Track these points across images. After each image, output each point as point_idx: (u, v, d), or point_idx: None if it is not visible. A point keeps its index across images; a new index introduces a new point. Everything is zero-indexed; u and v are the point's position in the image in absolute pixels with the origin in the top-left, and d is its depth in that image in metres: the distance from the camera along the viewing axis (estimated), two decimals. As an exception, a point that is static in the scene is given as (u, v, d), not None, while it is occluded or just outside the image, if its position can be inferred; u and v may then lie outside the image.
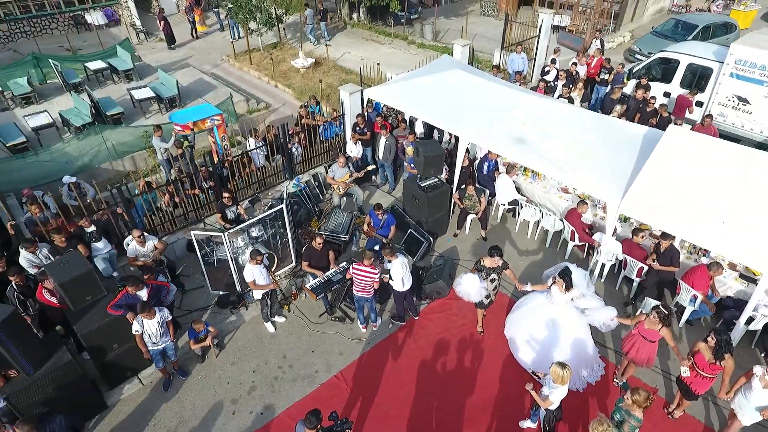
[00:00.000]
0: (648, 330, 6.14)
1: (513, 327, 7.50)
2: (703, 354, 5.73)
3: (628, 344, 6.45)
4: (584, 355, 6.86)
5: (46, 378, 5.66)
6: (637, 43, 16.78)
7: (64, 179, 9.10)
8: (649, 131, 8.47)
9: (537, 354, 6.99)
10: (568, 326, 6.77)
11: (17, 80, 13.46)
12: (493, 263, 6.98)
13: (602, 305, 6.85)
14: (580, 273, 6.99)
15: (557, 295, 6.62)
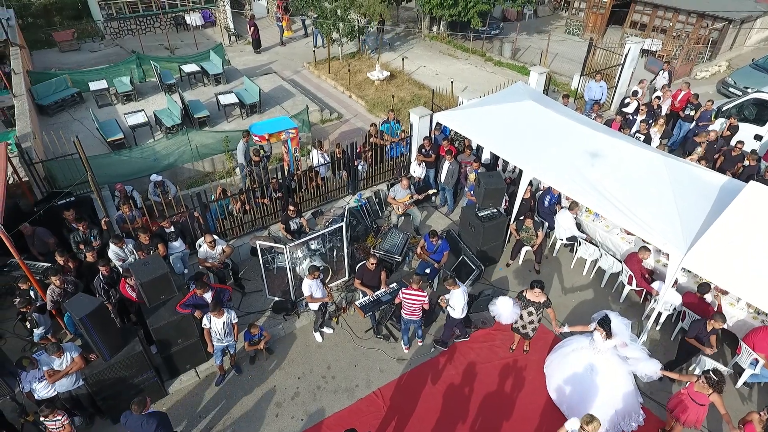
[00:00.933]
0: (697, 393, 5.97)
1: (553, 364, 7.51)
2: (755, 426, 5.56)
3: (675, 402, 6.29)
4: (621, 403, 6.75)
5: (119, 364, 6.41)
6: (733, 75, 15.68)
7: (152, 177, 10.08)
8: (728, 182, 8.03)
9: (571, 394, 6.99)
10: (607, 372, 6.74)
11: (121, 78, 14.93)
12: (534, 296, 7.07)
13: (646, 357, 6.78)
14: (622, 322, 6.92)
15: (599, 341, 6.65)
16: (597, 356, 6.77)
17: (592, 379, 6.78)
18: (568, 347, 7.31)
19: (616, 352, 6.74)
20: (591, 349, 6.83)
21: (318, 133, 13.94)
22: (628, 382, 6.81)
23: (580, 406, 6.87)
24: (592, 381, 6.77)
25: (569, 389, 7.05)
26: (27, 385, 6.20)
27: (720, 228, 7.07)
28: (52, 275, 7.01)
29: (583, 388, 6.85)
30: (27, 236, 8.29)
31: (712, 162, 10.83)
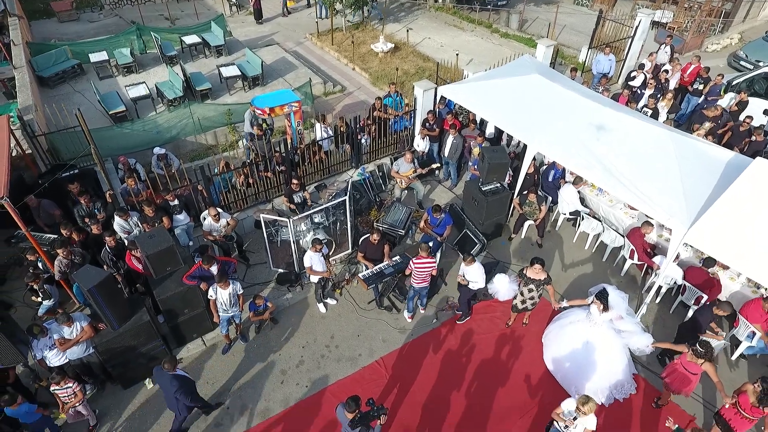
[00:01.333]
0: (690, 363, 6.13)
1: (550, 335, 7.68)
2: (748, 395, 5.68)
3: (669, 372, 6.47)
4: (615, 374, 6.96)
5: (128, 333, 6.56)
6: (745, 48, 15.37)
7: (155, 150, 10.07)
8: (734, 158, 7.97)
9: (566, 365, 7.18)
10: (602, 344, 6.91)
11: (122, 50, 14.75)
12: (534, 274, 7.12)
13: (640, 330, 6.97)
14: (619, 296, 7.09)
15: (596, 314, 6.77)
16: (593, 329, 6.93)
17: (587, 350, 6.95)
18: (566, 319, 7.47)
19: (612, 325, 6.89)
20: (587, 321, 6.98)
21: (321, 106, 13.83)
22: (622, 354, 6.99)
23: (575, 376, 7.08)
24: (587, 352, 6.94)
25: (565, 360, 7.23)
26: (39, 353, 6.36)
27: (724, 204, 7.06)
28: (58, 247, 7.10)
29: (578, 359, 7.03)
30: (33, 208, 8.35)
31: (718, 137, 10.74)
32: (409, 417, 6.90)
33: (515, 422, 6.84)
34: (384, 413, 5.42)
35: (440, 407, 7.01)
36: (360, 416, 5.31)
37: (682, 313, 8.22)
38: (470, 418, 6.89)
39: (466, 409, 7.00)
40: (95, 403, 6.98)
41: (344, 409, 5.34)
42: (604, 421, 6.78)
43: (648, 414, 6.96)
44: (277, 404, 7.05)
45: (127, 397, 7.11)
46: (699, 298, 7.75)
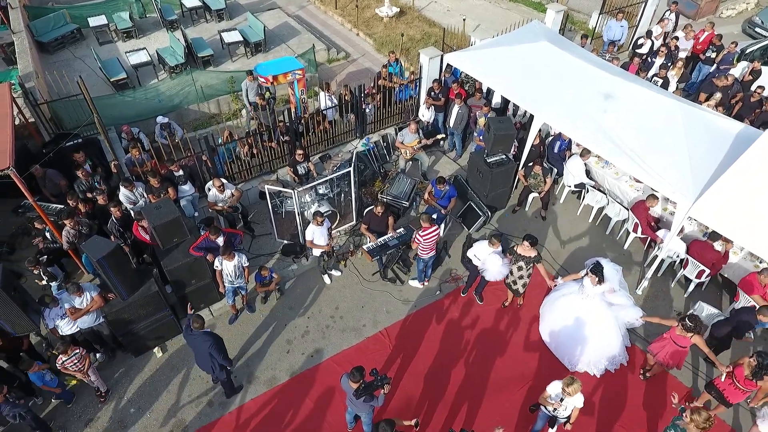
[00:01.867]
0: (679, 336, 6.23)
1: (545, 307, 7.78)
2: (743, 368, 5.80)
3: (658, 346, 6.57)
4: (607, 346, 7.10)
5: (137, 303, 6.69)
6: (761, 14, 14.85)
7: (158, 119, 10.00)
8: (744, 129, 7.83)
9: (560, 336, 7.32)
10: (594, 316, 7.01)
11: (121, 14, 14.39)
12: (524, 251, 7.11)
13: (631, 304, 7.08)
14: (613, 269, 7.14)
15: (588, 286, 6.83)
16: (585, 301, 6.99)
17: (579, 322, 7.07)
18: (559, 292, 7.53)
19: (604, 297, 6.96)
20: (579, 294, 7.04)
21: (325, 74, 13.59)
22: (614, 326, 7.08)
23: (568, 348, 7.22)
24: (580, 325, 7.06)
25: (558, 332, 7.36)
26: (51, 322, 6.52)
27: (731, 177, 7.00)
28: (65, 218, 7.15)
29: (570, 331, 7.15)
30: (38, 178, 8.37)
31: (729, 108, 10.55)
32: (412, 386, 7.08)
33: (514, 392, 7.02)
34: (387, 382, 5.56)
35: (442, 377, 7.19)
36: (364, 386, 5.45)
37: (684, 286, 8.30)
38: (470, 388, 7.08)
39: (467, 379, 7.18)
40: (106, 371, 7.19)
41: (349, 379, 5.49)
42: (596, 392, 6.99)
43: (638, 385, 7.13)
44: (283, 373, 7.24)
45: (137, 365, 7.31)
46: (701, 273, 7.81)
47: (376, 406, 5.74)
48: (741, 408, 6.73)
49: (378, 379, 5.55)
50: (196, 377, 7.17)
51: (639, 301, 8.18)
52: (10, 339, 6.44)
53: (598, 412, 6.80)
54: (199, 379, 7.15)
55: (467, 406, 6.88)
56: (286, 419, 6.74)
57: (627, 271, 8.67)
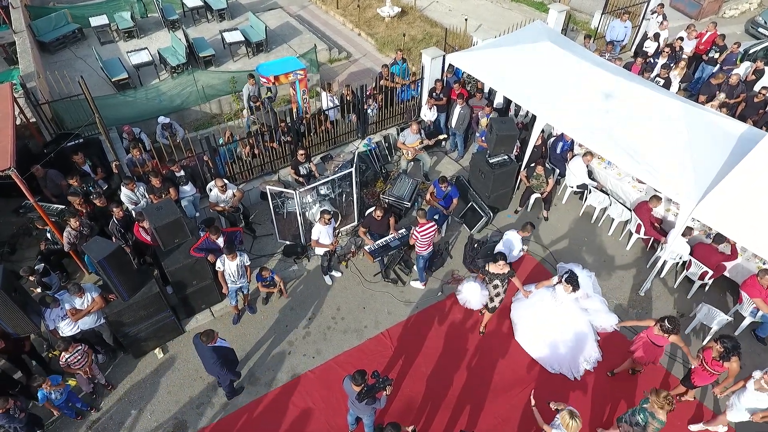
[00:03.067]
0: (657, 336, 6.27)
1: (517, 314, 7.70)
2: (711, 351, 5.96)
3: (637, 345, 6.62)
4: (581, 346, 7.17)
5: (138, 304, 6.67)
6: (764, 14, 14.80)
7: (159, 119, 9.98)
8: (747, 130, 7.81)
9: (537, 341, 7.33)
10: (568, 320, 7.08)
11: (122, 13, 14.38)
12: (497, 269, 6.89)
13: (606, 309, 7.21)
14: (587, 276, 7.25)
15: (561, 294, 6.84)
16: (558, 307, 7.02)
17: (555, 328, 7.14)
18: (531, 300, 7.43)
19: (577, 303, 6.99)
20: (552, 299, 7.04)
21: (326, 74, 13.57)
22: (588, 327, 7.17)
23: (547, 353, 7.23)
24: (555, 330, 7.14)
25: (535, 338, 7.35)
26: (51, 323, 6.50)
27: (734, 178, 6.97)
28: (69, 217, 7.13)
29: (547, 336, 7.20)
30: (39, 179, 8.35)
31: (733, 109, 10.50)
32: (414, 388, 7.05)
33: (516, 395, 6.99)
34: (389, 384, 5.53)
35: (443, 379, 7.16)
36: (366, 389, 5.43)
37: (686, 287, 8.26)
38: (472, 390, 7.04)
39: (468, 381, 7.15)
40: (106, 372, 7.17)
41: (351, 381, 5.46)
42: (580, 391, 7.04)
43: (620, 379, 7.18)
44: (284, 374, 7.22)
45: (138, 366, 7.29)
46: (704, 274, 7.77)
47: (378, 408, 5.72)
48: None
49: (380, 381, 5.53)
50: (197, 378, 7.15)
51: (642, 303, 8.16)
52: (12, 341, 6.41)
53: (591, 411, 6.82)
54: (200, 380, 7.13)
55: (469, 408, 6.85)
56: (288, 421, 6.72)
57: (630, 272, 8.67)
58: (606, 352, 7.37)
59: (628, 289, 8.37)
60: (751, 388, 5.79)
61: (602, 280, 8.50)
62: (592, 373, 7.20)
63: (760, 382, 5.67)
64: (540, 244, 9.11)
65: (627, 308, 8.06)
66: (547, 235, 9.33)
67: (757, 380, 5.72)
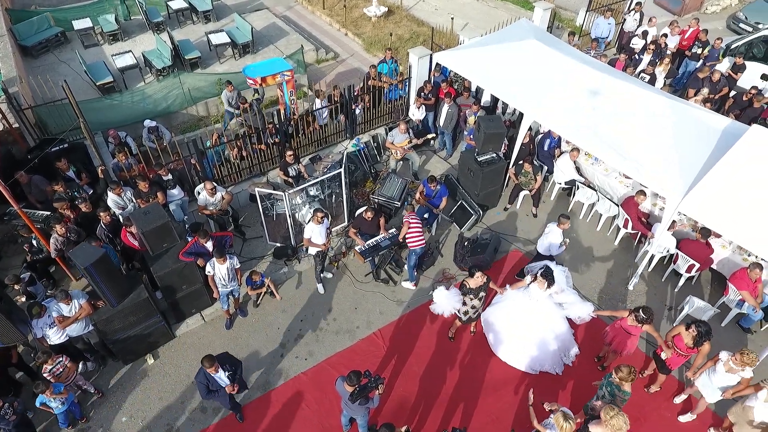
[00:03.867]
0: (631, 326, 6.41)
1: (491, 317, 7.57)
2: (682, 337, 6.13)
3: (611, 336, 6.74)
4: (559, 342, 7.21)
5: (127, 310, 6.59)
6: (745, 9, 15.00)
7: (145, 123, 9.88)
8: (731, 125, 7.94)
9: (510, 341, 7.30)
10: (544, 317, 7.08)
11: (106, 16, 14.21)
12: (476, 283, 6.78)
13: (579, 300, 7.20)
14: (560, 270, 7.26)
15: (536, 291, 6.85)
16: (533, 305, 7.01)
17: (533, 327, 7.12)
18: (504, 301, 7.41)
19: (551, 298, 7.01)
20: (526, 298, 7.03)
21: (314, 74, 13.54)
22: (563, 323, 7.21)
23: (524, 353, 7.21)
24: (534, 329, 7.12)
25: (511, 339, 7.30)
26: (39, 331, 6.40)
27: (719, 172, 7.08)
28: (55, 224, 7.04)
29: (524, 336, 7.17)
30: (23, 185, 8.23)
31: (717, 103, 10.65)
32: (406, 387, 7.06)
33: (508, 392, 7.02)
34: (381, 383, 5.53)
35: (436, 378, 7.18)
36: (359, 389, 5.43)
37: (674, 281, 8.36)
38: (465, 388, 7.07)
39: (461, 379, 7.17)
40: (96, 380, 7.09)
41: (345, 382, 5.46)
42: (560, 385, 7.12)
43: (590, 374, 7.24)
44: (277, 377, 7.19)
45: (128, 373, 7.22)
46: (691, 267, 7.87)
47: (371, 407, 5.72)
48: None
49: (372, 380, 5.52)
50: (189, 383, 7.09)
51: (631, 296, 8.25)
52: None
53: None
54: (192, 386, 7.06)
55: (461, 407, 6.87)
56: (282, 423, 6.69)
57: (618, 267, 8.76)
58: (592, 342, 7.47)
59: (616, 284, 8.46)
60: (722, 370, 6.00)
61: (591, 275, 8.59)
62: (577, 366, 7.26)
63: (729, 363, 5.90)
64: (530, 240, 9.16)
65: (616, 303, 8.14)
66: (537, 232, 9.37)
67: (726, 362, 5.95)
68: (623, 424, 4.85)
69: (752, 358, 5.73)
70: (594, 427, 5.14)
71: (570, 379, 7.19)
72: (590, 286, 8.36)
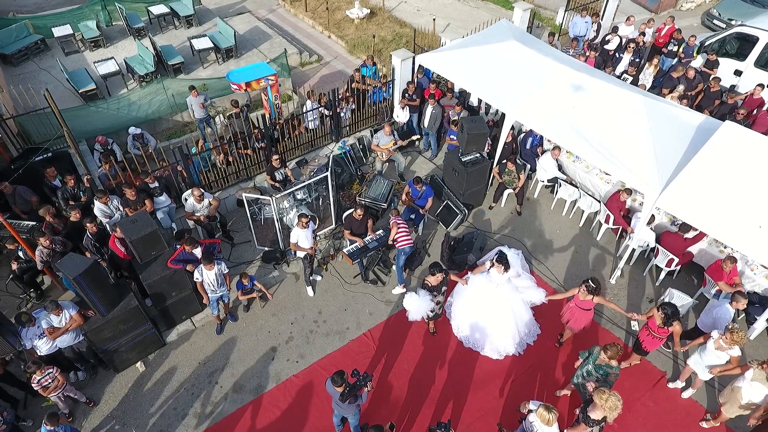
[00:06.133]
0: (583, 301, 6.68)
1: (456, 306, 7.77)
2: (655, 318, 6.38)
3: (567, 315, 7.03)
4: (522, 324, 7.52)
5: (117, 319, 6.61)
6: (718, 6, 15.35)
7: (130, 130, 9.85)
8: (705, 121, 8.20)
9: (480, 330, 7.52)
10: (506, 301, 7.34)
11: (87, 22, 14.08)
12: (437, 281, 6.88)
13: (534, 285, 7.57)
14: (514, 254, 7.67)
15: (496, 276, 7.08)
16: (496, 290, 7.23)
17: (496, 313, 7.37)
18: (468, 289, 7.51)
19: (510, 282, 7.29)
20: (489, 284, 7.22)
21: (298, 78, 13.59)
22: (524, 305, 7.51)
23: (494, 338, 7.42)
24: (497, 315, 7.37)
25: (477, 325, 7.51)
26: (28, 342, 6.39)
27: (694, 168, 7.31)
28: (39, 236, 7.02)
29: (489, 321, 7.42)
30: (8, 195, 8.18)
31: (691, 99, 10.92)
32: (398, 385, 7.19)
33: (497, 388, 7.18)
34: (369, 380, 5.63)
35: (426, 375, 7.31)
36: (348, 388, 5.53)
37: (655, 275, 8.60)
38: (453, 384, 7.21)
39: (450, 376, 7.31)
40: (88, 389, 7.09)
41: (332, 383, 5.55)
42: (526, 364, 7.42)
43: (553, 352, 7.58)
44: (269, 380, 7.26)
45: (119, 381, 7.23)
46: (670, 261, 8.10)
47: (361, 404, 5.83)
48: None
49: (360, 378, 5.61)
50: (181, 389, 7.14)
51: (613, 290, 8.47)
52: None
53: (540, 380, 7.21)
54: (184, 392, 7.12)
55: (452, 403, 7.01)
56: (274, 426, 6.77)
57: (601, 261, 8.98)
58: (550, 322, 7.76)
59: (599, 278, 8.64)
60: (711, 348, 6.27)
61: (574, 270, 8.79)
62: (533, 346, 7.59)
63: (719, 341, 6.14)
64: (514, 238, 9.34)
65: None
66: (521, 229, 9.57)
67: (716, 340, 6.20)
68: (617, 402, 5.13)
69: (741, 336, 5.97)
70: (593, 412, 5.34)
71: (552, 361, 7.47)
72: (573, 281, 8.54)
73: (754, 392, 5.92)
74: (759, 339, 7.71)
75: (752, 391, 5.93)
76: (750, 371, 5.94)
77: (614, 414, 5.16)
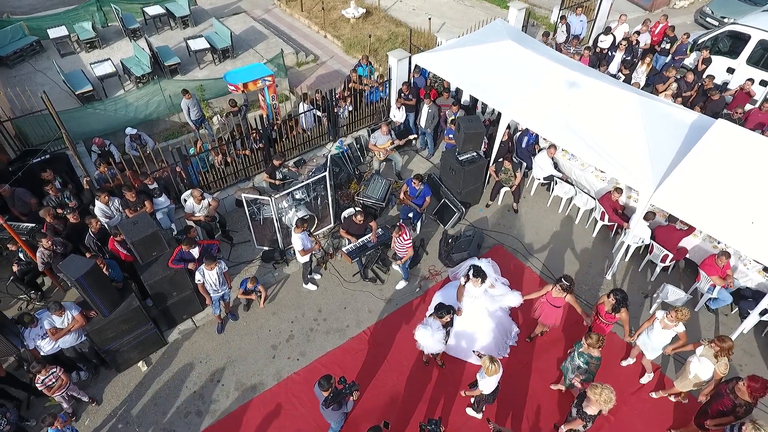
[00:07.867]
0: (555, 298, 6.83)
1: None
2: (604, 305, 6.70)
3: (539, 311, 7.18)
4: (502, 330, 7.64)
5: (119, 319, 6.67)
6: (711, 4, 15.49)
7: (126, 131, 9.88)
8: (698, 118, 8.31)
9: (465, 343, 7.51)
10: (486, 313, 7.44)
11: (83, 24, 14.06)
12: (444, 321, 6.74)
13: (509, 291, 7.65)
14: (486, 263, 7.79)
15: (472, 289, 7.13)
16: (473, 303, 7.30)
17: (479, 324, 7.44)
18: None
19: (487, 293, 7.34)
20: (467, 298, 7.26)
21: (295, 78, 13.63)
22: (502, 313, 7.65)
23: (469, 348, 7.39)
24: (480, 325, 7.45)
25: (459, 336, 7.51)
26: (31, 343, 6.44)
27: (687, 165, 7.42)
28: (40, 238, 7.06)
29: (473, 335, 7.48)
30: (6, 198, 8.20)
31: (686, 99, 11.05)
32: (397, 382, 7.28)
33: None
34: (356, 389, 5.66)
35: (424, 372, 7.40)
36: (333, 394, 5.58)
37: (650, 270, 8.71)
38: (450, 382, 7.30)
39: (447, 372, 7.40)
40: (91, 389, 7.15)
41: (319, 387, 5.59)
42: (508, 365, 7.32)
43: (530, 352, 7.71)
44: (270, 378, 7.33)
45: (122, 380, 7.29)
46: (665, 257, 8.22)
47: (346, 412, 5.88)
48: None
49: (347, 386, 5.65)
50: (183, 388, 7.20)
51: (609, 286, 8.58)
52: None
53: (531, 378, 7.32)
54: (186, 390, 7.18)
55: (448, 400, 7.10)
56: (277, 423, 6.84)
57: (597, 258, 9.09)
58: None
59: (595, 274, 8.78)
60: (658, 327, 6.54)
61: (570, 266, 8.90)
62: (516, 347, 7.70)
63: (664, 320, 6.42)
64: (511, 235, 9.44)
65: (595, 292, 8.46)
66: (518, 227, 9.67)
67: (661, 319, 6.48)
68: (611, 395, 5.27)
69: (685, 313, 6.26)
70: (588, 407, 5.44)
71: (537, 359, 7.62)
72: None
73: (702, 368, 6.21)
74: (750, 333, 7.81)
75: (700, 366, 6.22)
76: (700, 347, 6.27)
77: (609, 406, 5.29)
